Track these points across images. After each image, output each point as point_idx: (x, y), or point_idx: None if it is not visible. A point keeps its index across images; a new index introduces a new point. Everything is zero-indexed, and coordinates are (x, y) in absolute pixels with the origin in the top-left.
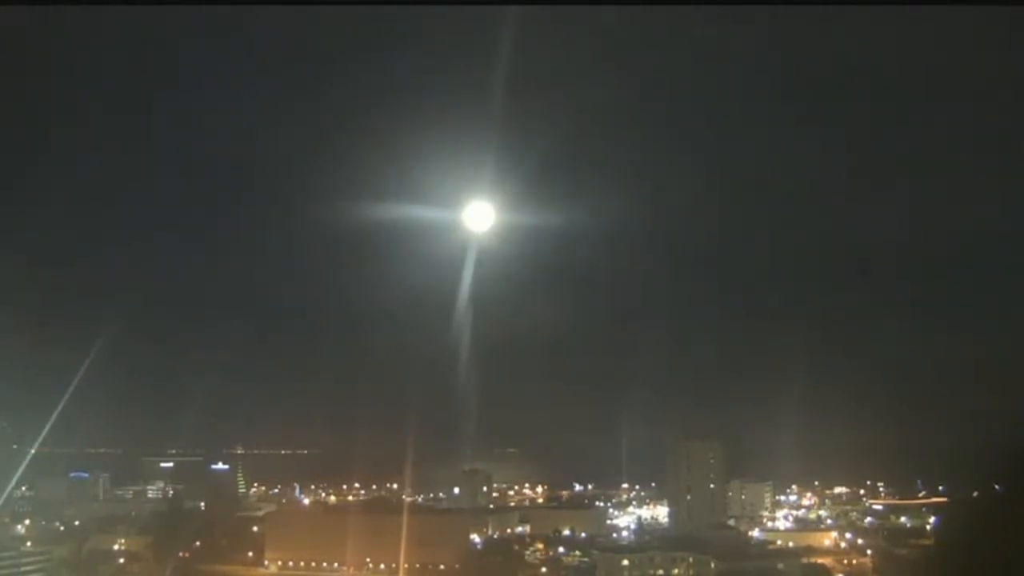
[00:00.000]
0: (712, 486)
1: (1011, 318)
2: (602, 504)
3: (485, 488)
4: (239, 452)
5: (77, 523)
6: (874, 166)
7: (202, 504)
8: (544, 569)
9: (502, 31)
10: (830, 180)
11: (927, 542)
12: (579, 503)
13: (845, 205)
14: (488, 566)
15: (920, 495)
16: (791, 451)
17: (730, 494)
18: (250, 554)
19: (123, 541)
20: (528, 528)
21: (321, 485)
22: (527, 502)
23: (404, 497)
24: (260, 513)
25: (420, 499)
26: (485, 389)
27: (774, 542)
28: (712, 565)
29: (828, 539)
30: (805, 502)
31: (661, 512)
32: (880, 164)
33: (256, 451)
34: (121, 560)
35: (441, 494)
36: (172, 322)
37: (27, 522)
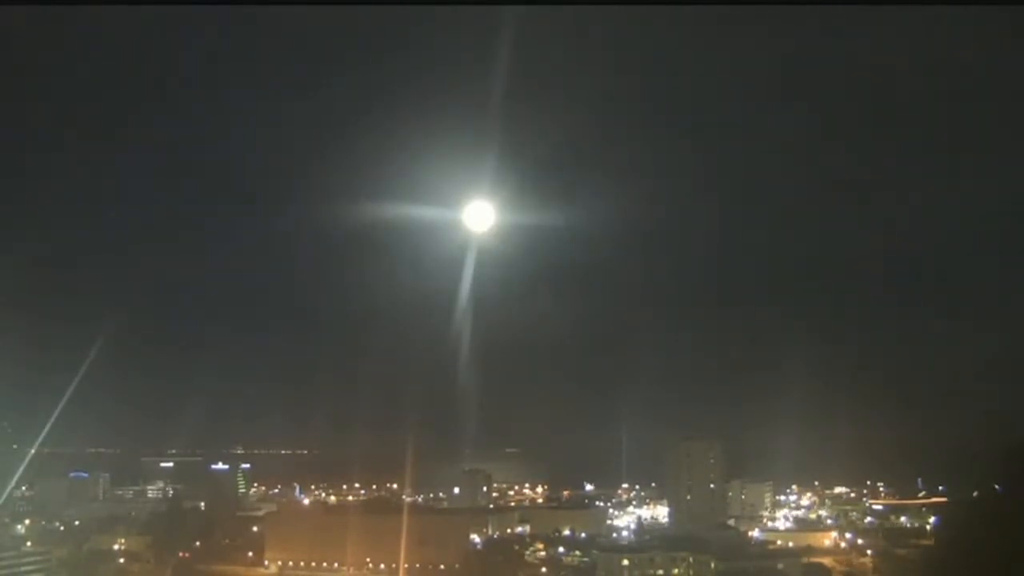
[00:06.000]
0: (712, 486)
1: (1011, 318)
2: (602, 504)
3: (485, 488)
4: (239, 452)
5: (77, 523)
6: (875, 166)
7: (202, 504)
8: (544, 569)
9: (502, 31)
10: (831, 180)
11: (927, 542)
12: (579, 503)
13: (845, 205)
14: (488, 566)
15: (920, 495)
16: (791, 451)
17: (730, 494)
18: (250, 554)
19: (123, 541)
20: (528, 528)
21: (321, 485)
22: (527, 502)
23: (404, 497)
24: (260, 513)
25: (420, 499)
26: (485, 389)
27: (774, 542)
28: (712, 565)
29: (828, 539)
30: (805, 502)
31: (661, 512)
32: (882, 164)
33: (256, 451)
34: (121, 560)
35: (441, 494)
36: (172, 322)
37: (27, 522)
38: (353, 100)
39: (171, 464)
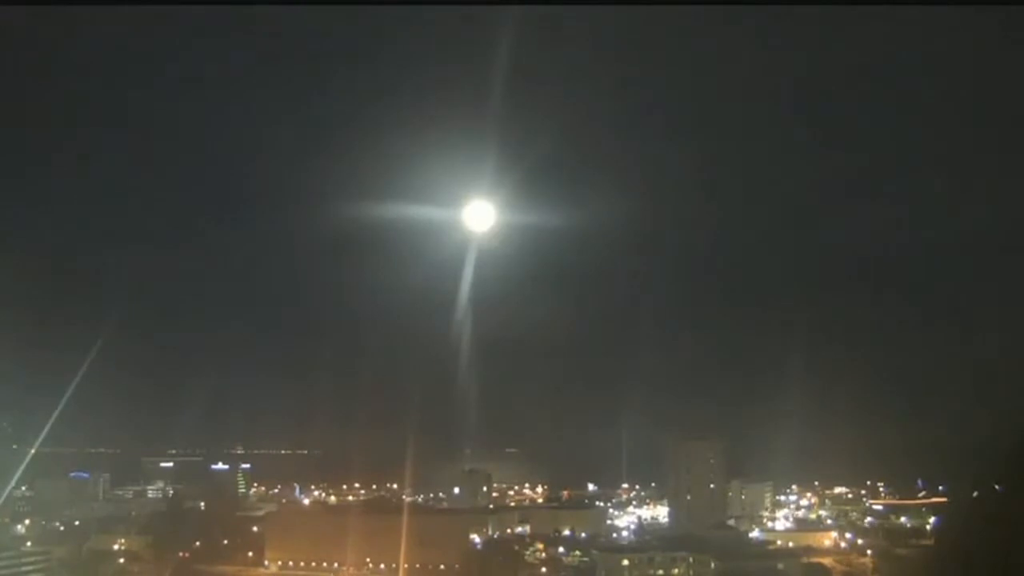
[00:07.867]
0: (712, 486)
1: (1011, 317)
2: (602, 504)
3: (485, 488)
4: (239, 452)
5: (77, 523)
6: (874, 166)
7: (202, 504)
8: (544, 569)
9: (502, 31)
10: (830, 180)
11: (927, 542)
12: (579, 503)
13: (845, 205)
14: (488, 566)
15: (920, 495)
16: (791, 451)
17: (730, 494)
18: (250, 554)
19: (123, 541)
20: (528, 528)
21: (321, 485)
22: (527, 502)
23: (404, 497)
24: (260, 513)
25: (420, 499)
26: (485, 389)
27: (774, 542)
28: (712, 565)
29: (828, 539)
30: (805, 502)
31: (661, 512)
32: (880, 164)
33: (256, 451)
34: (121, 560)
35: (441, 494)
36: (172, 322)
37: (27, 522)
38: (353, 100)
39: (171, 464)
